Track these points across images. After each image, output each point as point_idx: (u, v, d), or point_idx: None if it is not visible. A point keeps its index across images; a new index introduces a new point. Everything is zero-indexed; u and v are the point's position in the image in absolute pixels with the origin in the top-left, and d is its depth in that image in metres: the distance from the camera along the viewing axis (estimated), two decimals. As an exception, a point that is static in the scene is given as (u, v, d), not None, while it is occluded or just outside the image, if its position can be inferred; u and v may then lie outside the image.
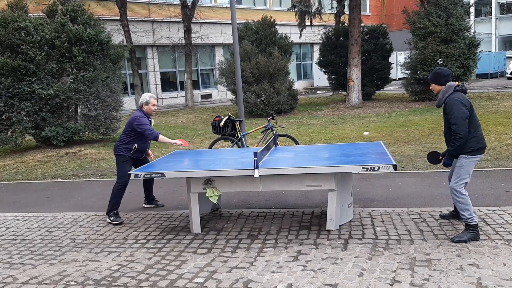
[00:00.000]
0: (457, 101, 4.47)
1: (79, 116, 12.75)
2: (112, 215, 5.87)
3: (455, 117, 4.45)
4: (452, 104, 4.48)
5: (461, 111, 4.43)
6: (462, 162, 4.56)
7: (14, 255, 4.98)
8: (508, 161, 7.72)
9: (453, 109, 4.46)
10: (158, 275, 4.20)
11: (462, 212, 4.55)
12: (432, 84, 4.76)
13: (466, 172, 4.57)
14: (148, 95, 6.04)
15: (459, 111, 4.43)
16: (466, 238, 4.45)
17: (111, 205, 5.89)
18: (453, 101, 4.49)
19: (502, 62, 29.77)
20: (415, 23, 17.51)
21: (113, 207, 5.90)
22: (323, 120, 15.13)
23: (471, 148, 4.52)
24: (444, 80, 4.65)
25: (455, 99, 4.49)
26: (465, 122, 4.44)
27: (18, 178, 9.31)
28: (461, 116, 4.43)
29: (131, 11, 22.87)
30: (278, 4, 31.86)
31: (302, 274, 4.00)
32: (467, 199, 4.54)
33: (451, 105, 4.49)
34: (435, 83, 4.70)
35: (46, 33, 11.77)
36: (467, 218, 4.50)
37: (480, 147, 4.56)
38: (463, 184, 4.57)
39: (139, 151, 6.00)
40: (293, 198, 6.51)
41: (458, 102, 4.46)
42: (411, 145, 9.75)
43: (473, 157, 4.54)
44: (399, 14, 21.89)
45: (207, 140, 12.18)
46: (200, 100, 26.95)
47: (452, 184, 4.62)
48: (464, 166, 4.56)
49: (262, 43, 17.81)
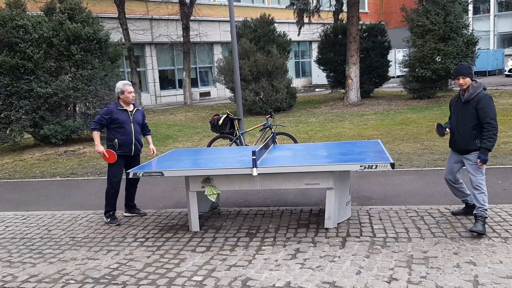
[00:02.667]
0: (491, 98, 4.64)
1: (77, 114, 12.76)
2: (109, 217, 5.82)
3: (493, 112, 4.61)
4: (488, 100, 4.62)
5: (494, 108, 4.63)
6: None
7: (13, 253, 4.99)
8: (506, 159, 7.75)
9: (489, 105, 4.60)
10: (157, 273, 4.22)
11: (483, 203, 4.64)
12: (466, 78, 4.72)
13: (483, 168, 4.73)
14: (121, 83, 5.80)
15: (493, 107, 4.62)
16: (482, 229, 4.52)
17: (106, 207, 5.83)
18: (488, 97, 4.63)
19: (500, 59, 29.79)
20: (413, 20, 17.51)
21: (109, 209, 5.82)
22: (321, 118, 15.15)
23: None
24: (472, 73, 4.77)
25: (489, 96, 4.65)
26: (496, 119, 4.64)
27: (17, 177, 9.32)
28: (494, 113, 4.62)
29: (129, 9, 22.83)
30: (277, 2, 31.83)
31: (300, 272, 4.02)
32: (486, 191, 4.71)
33: (487, 101, 4.61)
34: (469, 76, 4.73)
35: (44, 32, 11.77)
36: (485, 209, 4.62)
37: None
38: (483, 179, 4.70)
39: (122, 145, 5.71)
40: (292, 196, 6.53)
41: (492, 100, 4.64)
42: (409, 143, 9.77)
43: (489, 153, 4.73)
44: (398, 11, 21.89)
45: (205, 138, 12.20)
46: (198, 98, 26.94)
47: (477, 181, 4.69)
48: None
49: (260, 41, 17.80)
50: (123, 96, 5.77)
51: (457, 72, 4.75)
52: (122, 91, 5.76)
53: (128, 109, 5.82)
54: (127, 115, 5.78)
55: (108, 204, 5.81)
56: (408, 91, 18.52)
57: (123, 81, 5.95)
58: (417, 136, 10.50)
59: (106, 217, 5.84)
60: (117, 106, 5.76)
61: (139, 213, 6.11)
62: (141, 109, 6.08)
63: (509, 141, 9.15)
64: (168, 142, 12.20)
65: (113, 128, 5.71)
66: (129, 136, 5.75)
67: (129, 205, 6.13)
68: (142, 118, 6.02)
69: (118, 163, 5.75)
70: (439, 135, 5.16)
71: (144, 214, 6.09)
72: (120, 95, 5.78)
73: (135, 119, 5.85)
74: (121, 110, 5.75)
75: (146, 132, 6.20)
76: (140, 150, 5.98)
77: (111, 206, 5.83)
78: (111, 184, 5.76)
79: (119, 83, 5.83)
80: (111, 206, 5.82)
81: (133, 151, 5.84)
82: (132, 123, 5.80)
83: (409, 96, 18.71)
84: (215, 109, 19.88)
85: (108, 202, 5.80)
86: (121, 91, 5.76)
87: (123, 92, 5.76)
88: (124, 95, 5.76)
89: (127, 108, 5.82)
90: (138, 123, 5.92)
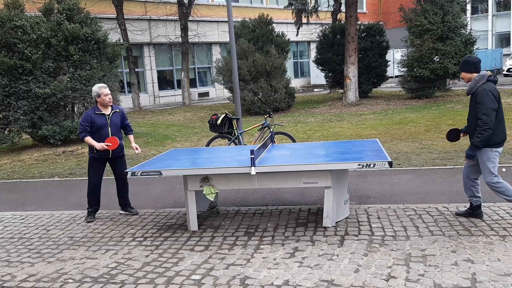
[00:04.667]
0: (488, 91, 4.51)
1: (76, 114, 12.74)
2: (87, 213, 6.03)
3: (485, 108, 4.49)
4: (484, 94, 4.51)
5: (491, 102, 4.48)
6: (489, 155, 4.63)
7: (12, 253, 4.99)
8: (504, 158, 7.76)
9: (484, 99, 4.49)
10: (156, 272, 4.23)
11: (507, 198, 4.63)
12: (462, 73, 4.76)
13: (494, 164, 4.65)
14: (97, 87, 5.82)
15: (489, 101, 4.48)
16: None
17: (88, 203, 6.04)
18: (485, 91, 4.51)
19: (498, 59, 29.83)
20: (411, 20, 17.55)
21: (88, 205, 6.02)
22: (320, 118, 15.16)
23: (495, 141, 4.59)
24: (474, 68, 4.68)
25: (487, 89, 4.52)
26: (493, 113, 4.48)
27: (15, 177, 9.31)
28: (491, 107, 4.47)
29: (128, 9, 22.83)
30: (275, 2, 31.86)
31: (298, 271, 4.02)
32: (505, 184, 4.62)
33: (482, 95, 4.52)
34: (465, 71, 4.73)
35: (43, 32, 11.76)
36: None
37: (502, 139, 4.66)
38: (495, 175, 4.63)
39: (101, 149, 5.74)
40: (290, 195, 6.53)
41: (490, 93, 4.50)
42: (407, 142, 9.79)
43: (497, 149, 4.63)
44: (396, 11, 21.91)
45: (204, 138, 12.20)
46: (197, 98, 26.95)
47: (487, 180, 4.68)
48: (490, 159, 4.64)
49: (259, 41, 17.82)
50: (100, 100, 5.83)
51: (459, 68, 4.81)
52: (98, 95, 5.81)
53: (105, 113, 5.87)
54: (104, 119, 5.84)
55: (87, 201, 6.01)
56: (407, 91, 18.55)
57: (98, 84, 6.00)
58: (415, 135, 10.52)
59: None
60: (94, 111, 5.83)
61: (131, 211, 6.19)
62: (120, 110, 6.10)
63: (507, 140, 9.14)
64: (167, 142, 12.20)
65: (91, 132, 5.79)
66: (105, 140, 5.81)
67: (122, 203, 6.24)
68: (121, 120, 6.06)
69: (96, 165, 5.91)
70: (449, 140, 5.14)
71: (136, 213, 6.15)
72: (97, 99, 5.83)
73: (112, 122, 5.91)
74: (98, 115, 5.82)
75: (127, 131, 6.23)
76: (120, 152, 6.03)
77: (89, 204, 6.01)
78: (89, 183, 5.96)
79: (95, 87, 5.87)
80: (89, 204, 6.01)
81: (111, 154, 5.91)
82: (109, 127, 5.86)
83: (407, 95, 18.74)
84: (213, 109, 19.88)
85: (88, 199, 6.00)
86: (98, 95, 5.81)
87: (99, 95, 5.81)
88: (100, 98, 5.82)
89: (105, 112, 5.87)
90: (116, 125, 5.97)
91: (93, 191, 5.95)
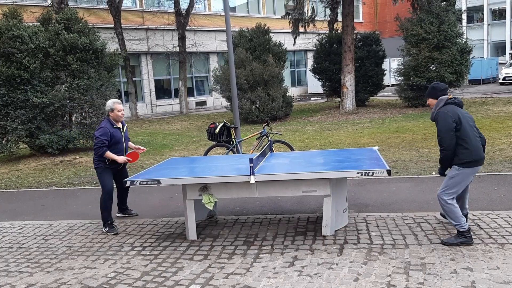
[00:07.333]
0: (444, 113, 4.53)
1: (73, 124, 12.74)
2: (107, 226, 5.83)
3: (439, 129, 4.54)
4: (439, 116, 4.56)
5: (446, 123, 4.48)
6: (453, 173, 4.61)
7: (10, 263, 4.97)
8: (501, 166, 7.80)
9: (441, 122, 4.53)
10: (155, 282, 4.21)
11: (449, 219, 4.63)
12: (428, 99, 4.81)
13: (456, 183, 4.57)
14: (112, 102, 5.90)
15: (444, 122, 4.49)
16: (456, 242, 4.51)
17: (103, 217, 5.84)
18: (441, 113, 4.56)
19: (494, 68, 30.05)
20: (407, 30, 17.68)
21: (106, 219, 5.84)
22: (317, 126, 15.20)
23: (464, 160, 4.52)
24: (440, 94, 4.71)
25: (443, 111, 4.56)
26: (449, 134, 4.47)
27: (13, 187, 9.28)
28: (446, 128, 4.48)
29: (125, 19, 22.94)
30: (272, 12, 32.04)
31: (298, 280, 4.02)
32: (453, 208, 4.56)
33: (437, 117, 4.58)
34: (431, 97, 4.77)
35: (41, 42, 11.80)
36: (455, 225, 4.56)
37: (475, 159, 4.52)
38: (450, 194, 4.57)
39: (114, 161, 5.81)
40: (289, 204, 6.54)
41: (445, 114, 4.52)
42: (404, 150, 9.82)
43: (466, 169, 4.54)
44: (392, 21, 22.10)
45: (202, 147, 12.20)
46: (194, 107, 26.98)
47: (439, 191, 4.68)
48: (454, 177, 4.58)
49: (256, 50, 17.91)
50: (112, 114, 5.87)
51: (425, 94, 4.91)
52: (112, 109, 5.86)
53: (119, 127, 5.96)
54: (120, 133, 5.91)
55: (104, 215, 5.84)
56: (403, 100, 18.63)
57: (113, 99, 6.05)
58: (413, 143, 10.55)
59: (104, 227, 5.84)
60: (112, 125, 5.85)
61: (131, 213, 6.30)
62: (124, 124, 6.18)
63: (504, 148, 9.21)
64: (165, 151, 12.20)
65: (108, 146, 5.76)
66: (122, 153, 5.92)
67: (121, 208, 6.38)
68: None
69: (109, 173, 5.90)
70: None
71: (136, 214, 6.26)
72: (110, 113, 5.87)
73: (125, 136, 6.04)
74: (115, 129, 5.87)
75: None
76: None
77: (107, 216, 5.84)
78: (105, 191, 5.81)
79: (110, 102, 5.92)
80: (107, 216, 5.84)
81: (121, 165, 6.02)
82: (124, 140, 5.97)
83: (404, 104, 18.82)
84: (211, 118, 19.91)
85: (104, 213, 5.83)
86: (111, 109, 5.86)
87: (113, 110, 5.86)
88: (114, 113, 5.86)
89: (118, 126, 5.94)
90: (127, 139, 6.11)
91: (109, 200, 5.82)
